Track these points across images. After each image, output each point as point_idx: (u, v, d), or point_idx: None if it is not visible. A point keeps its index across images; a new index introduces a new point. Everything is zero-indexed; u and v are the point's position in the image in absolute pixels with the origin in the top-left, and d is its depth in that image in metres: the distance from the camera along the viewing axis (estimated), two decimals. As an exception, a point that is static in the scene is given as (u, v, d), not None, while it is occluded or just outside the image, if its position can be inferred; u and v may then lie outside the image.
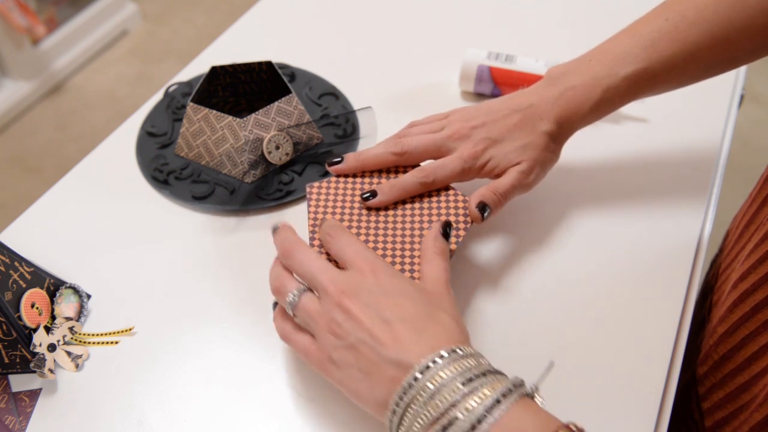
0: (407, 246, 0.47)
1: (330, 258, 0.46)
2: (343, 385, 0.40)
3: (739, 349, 0.49)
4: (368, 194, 0.50)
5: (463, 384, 0.34)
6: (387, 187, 0.50)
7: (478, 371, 0.35)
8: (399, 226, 0.49)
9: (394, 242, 0.48)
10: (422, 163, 0.53)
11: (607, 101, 0.51)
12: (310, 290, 0.42)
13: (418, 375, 0.35)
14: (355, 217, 0.49)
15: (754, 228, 0.53)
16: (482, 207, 0.49)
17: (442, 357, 0.36)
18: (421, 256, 0.45)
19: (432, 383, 0.35)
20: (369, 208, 0.50)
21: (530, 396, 0.36)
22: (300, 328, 0.43)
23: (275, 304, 0.46)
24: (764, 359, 0.47)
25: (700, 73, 0.52)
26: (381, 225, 0.49)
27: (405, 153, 0.52)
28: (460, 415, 0.33)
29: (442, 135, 0.52)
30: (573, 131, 0.54)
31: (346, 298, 0.39)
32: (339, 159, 0.52)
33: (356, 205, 0.50)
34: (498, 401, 0.34)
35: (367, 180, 0.52)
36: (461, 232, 0.49)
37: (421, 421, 0.35)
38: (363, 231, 0.48)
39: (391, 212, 0.50)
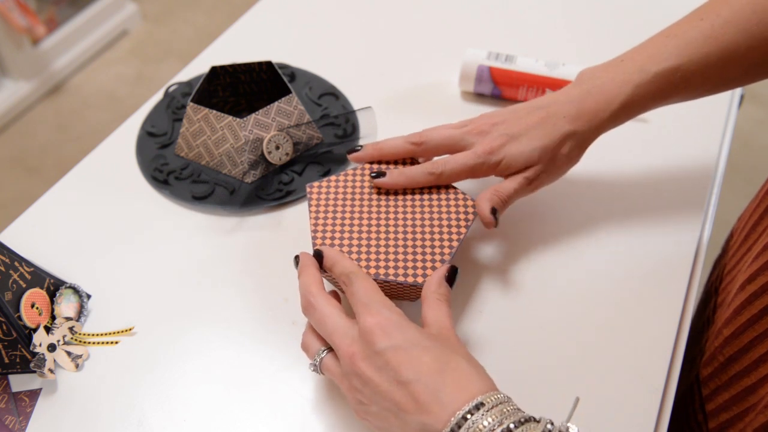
0: (409, 245, 0.47)
1: None
2: None
3: (746, 351, 0.48)
4: (376, 174, 0.50)
5: None
6: (396, 172, 0.50)
7: (504, 428, 0.34)
8: (400, 224, 0.49)
9: (396, 241, 0.47)
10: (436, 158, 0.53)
11: (637, 100, 0.50)
12: (332, 349, 0.42)
13: None
14: (356, 215, 0.49)
15: (761, 229, 0.52)
16: (493, 212, 0.49)
17: (465, 418, 0.34)
18: (423, 300, 0.44)
19: None
20: (370, 207, 0.50)
21: None
22: None
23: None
24: None
25: (739, 76, 0.50)
26: (382, 223, 0.49)
27: (423, 143, 0.51)
28: None
29: (462, 130, 0.52)
30: (599, 132, 0.52)
31: (359, 361, 0.38)
32: (358, 147, 0.53)
33: (356, 204, 0.50)
34: None
35: (367, 180, 0.52)
36: (462, 230, 0.49)
37: None
38: (365, 229, 0.48)
39: (392, 209, 0.50)
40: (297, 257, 0.47)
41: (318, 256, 0.46)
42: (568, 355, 0.49)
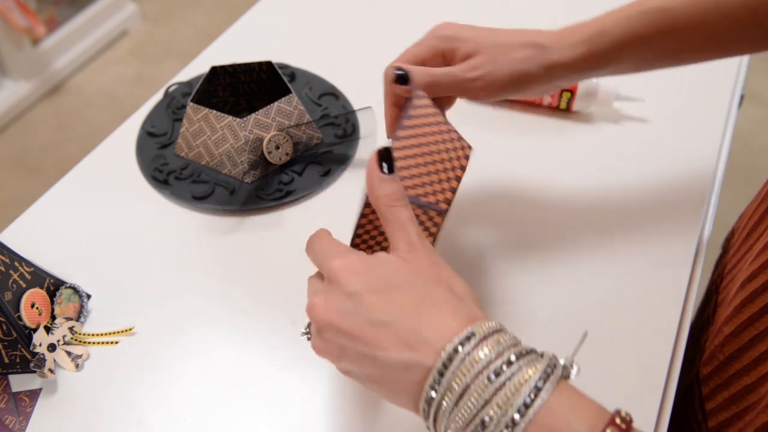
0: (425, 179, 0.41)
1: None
2: (381, 397, 0.36)
3: (746, 350, 0.48)
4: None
5: (490, 380, 0.30)
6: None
7: (505, 359, 0.30)
8: (409, 170, 0.41)
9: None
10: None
11: (615, 29, 0.45)
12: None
13: (438, 378, 0.31)
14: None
15: (762, 228, 0.52)
16: (403, 75, 0.45)
17: (456, 350, 0.31)
18: (378, 215, 0.38)
19: (457, 382, 0.30)
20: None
21: (566, 373, 0.32)
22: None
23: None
24: None
25: (733, 36, 0.46)
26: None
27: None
28: (492, 414, 0.29)
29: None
30: (570, 54, 0.46)
31: (324, 311, 0.35)
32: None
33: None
34: (537, 389, 0.29)
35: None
36: (453, 183, 0.42)
37: (454, 426, 0.30)
38: None
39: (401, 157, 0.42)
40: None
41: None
42: (568, 355, 0.49)
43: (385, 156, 0.37)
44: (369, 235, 0.43)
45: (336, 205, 0.60)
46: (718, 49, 0.47)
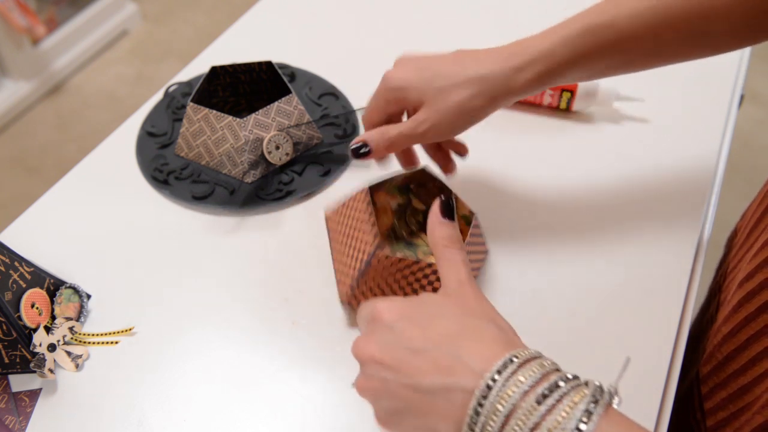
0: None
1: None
2: None
3: (742, 350, 0.48)
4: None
5: (539, 402, 0.29)
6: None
7: (550, 383, 0.30)
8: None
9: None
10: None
11: (560, 52, 0.46)
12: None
13: (481, 401, 0.30)
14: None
15: (762, 227, 0.52)
16: (359, 147, 0.48)
17: (500, 371, 0.30)
18: (433, 253, 0.39)
19: (502, 405, 0.29)
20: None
21: (610, 401, 0.31)
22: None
23: None
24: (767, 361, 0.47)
25: (676, 46, 0.46)
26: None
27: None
28: None
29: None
30: (512, 83, 0.46)
31: (365, 346, 0.35)
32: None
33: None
34: (589, 413, 0.29)
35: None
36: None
37: None
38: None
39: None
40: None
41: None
42: (568, 355, 0.49)
43: (446, 205, 0.40)
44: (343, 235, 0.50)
45: (336, 205, 0.60)
46: (667, 55, 0.48)
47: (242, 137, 0.59)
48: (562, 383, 0.30)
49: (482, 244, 0.53)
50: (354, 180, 0.62)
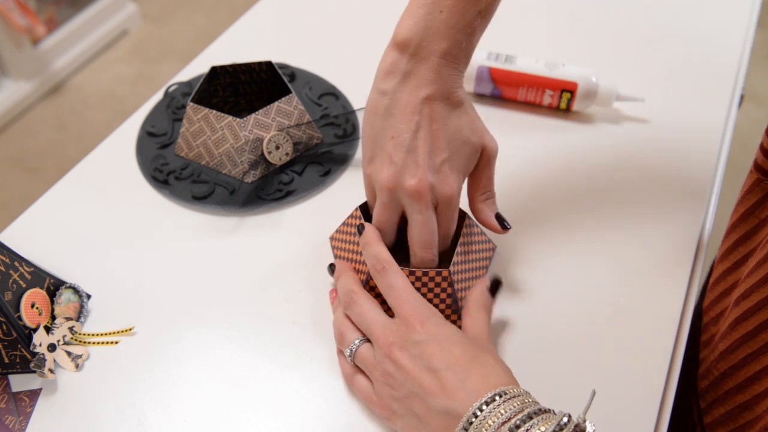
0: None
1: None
2: None
3: (740, 368, 0.48)
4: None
5: (511, 431, 0.35)
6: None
7: (524, 415, 0.36)
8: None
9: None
10: None
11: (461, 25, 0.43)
12: (368, 340, 0.44)
13: (467, 426, 0.36)
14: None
15: (754, 243, 0.50)
16: (499, 219, 0.49)
17: (488, 403, 0.36)
18: (464, 308, 0.47)
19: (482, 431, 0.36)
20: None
21: (580, 429, 0.36)
22: (360, 371, 0.45)
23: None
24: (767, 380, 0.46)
25: None
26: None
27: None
28: None
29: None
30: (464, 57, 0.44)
31: (396, 350, 0.41)
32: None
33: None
34: None
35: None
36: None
37: None
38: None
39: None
40: (332, 265, 0.51)
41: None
42: (568, 356, 0.49)
43: (495, 285, 0.47)
44: (344, 242, 0.51)
45: (336, 205, 0.60)
46: None
47: (242, 137, 0.59)
48: (534, 416, 0.35)
49: (487, 241, 0.54)
50: (355, 180, 0.62)
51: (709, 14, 0.82)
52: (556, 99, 0.68)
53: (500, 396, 0.37)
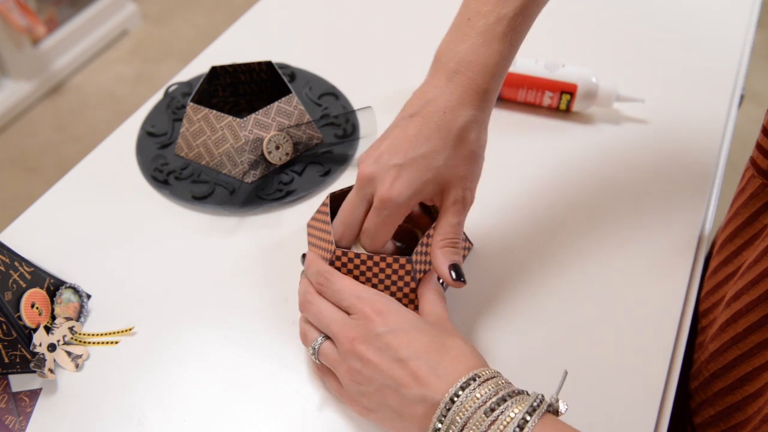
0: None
1: None
2: (381, 425, 0.42)
3: (730, 369, 0.48)
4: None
5: (486, 414, 0.35)
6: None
7: (498, 397, 0.36)
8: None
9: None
10: None
11: (508, 52, 0.44)
12: (330, 338, 0.44)
13: (445, 412, 0.36)
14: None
15: (743, 243, 0.50)
16: (455, 269, 0.44)
17: (463, 388, 0.36)
18: (419, 294, 0.46)
19: (459, 417, 0.36)
20: None
21: (554, 409, 0.37)
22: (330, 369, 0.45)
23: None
24: (758, 381, 0.46)
25: None
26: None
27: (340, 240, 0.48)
28: None
29: (354, 208, 0.47)
30: (490, 99, 0.46)
31: (359, 344, 0.40)
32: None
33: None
34: (524, 421, 0.35)
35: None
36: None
37: None
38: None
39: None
40: (304, 255, 0.49)
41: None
42: (568, 355, 0.49)
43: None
44: (318, 230, 0.51)
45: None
46: None
47: (242, 137, 0.59)
48: (508, 398, 0.36)
49: (462, 240, 0.51)
50: (354, 180, 0.62)
51: (709, 14, 0.82)
52: (556, 100, 0.68)
53: (474, 380, 0.37)
